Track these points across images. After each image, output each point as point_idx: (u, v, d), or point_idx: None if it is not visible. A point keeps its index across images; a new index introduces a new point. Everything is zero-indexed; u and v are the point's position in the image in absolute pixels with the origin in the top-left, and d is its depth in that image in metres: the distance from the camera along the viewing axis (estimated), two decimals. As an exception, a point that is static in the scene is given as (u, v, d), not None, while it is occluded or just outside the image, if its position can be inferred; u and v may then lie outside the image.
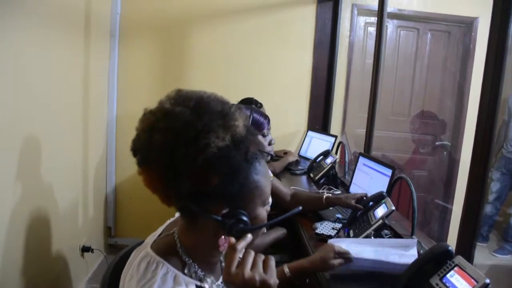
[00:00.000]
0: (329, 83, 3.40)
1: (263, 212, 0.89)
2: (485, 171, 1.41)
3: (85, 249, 2.75)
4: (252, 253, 0.82)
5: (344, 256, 1.32)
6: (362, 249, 1.38)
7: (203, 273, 0.90)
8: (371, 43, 3.19)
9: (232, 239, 0.82)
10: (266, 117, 1.99)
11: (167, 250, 0.88)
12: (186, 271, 0.87)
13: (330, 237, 1.68)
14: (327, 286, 1.35)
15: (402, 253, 1.32)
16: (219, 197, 0.82)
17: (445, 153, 3.83)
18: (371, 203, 1.73)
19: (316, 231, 1.71)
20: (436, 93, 3.81)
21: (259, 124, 1.93)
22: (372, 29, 3.54)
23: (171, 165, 0.79)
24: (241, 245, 0.81)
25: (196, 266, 0.89)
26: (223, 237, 0.85)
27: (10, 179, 1.83)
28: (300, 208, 0.92)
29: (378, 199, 1.70)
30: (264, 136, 1.96)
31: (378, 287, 1.31)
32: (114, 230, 3.40)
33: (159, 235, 0.97)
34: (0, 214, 1.77)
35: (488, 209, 3.75)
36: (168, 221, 1.04)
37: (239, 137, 0.80)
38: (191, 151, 0.77)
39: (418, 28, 3.73)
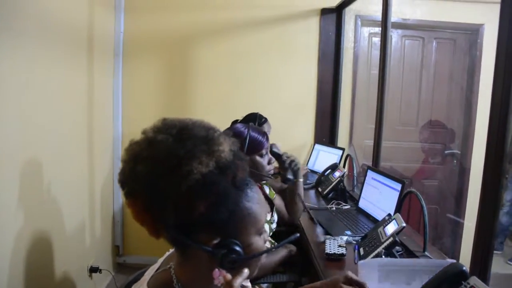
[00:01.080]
0: (334, 95, 3.37)
1: (258, 241, 0.85)
2: (498, 183, 1.36)
3: (93, 270, 2.71)
4: None
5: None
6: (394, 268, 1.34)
7: None
8: (376, 53, 3.15)
9: (228, 276, 0.78)
10: (264, 134, 1.89)
11: (163, 287, 0.85)
12: None
13: (343, 256, 1.63)
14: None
15: None
16: (208, 226, 0.78)
17: (455, 161, 3.76)
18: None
19: (326, 250, 1.65)
20: (443, 102, 3.75)
21: (257, 143, 1.83)
22: (377, 40, 3.51)
23: (156, 195, 0.76)
24: (238, 281, 0.78)
25: None
26: (216, 269, 0.79)
27: (14, 201, 1.80)
28: (298, 234, 0.91)
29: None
30: (261, 156, 1.86)
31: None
32: (122, 248, 3.37)
33: (157, 269, 0.93)
34: (3, 237, 1.74)
35: (503, 218, 3.66)
36: (167, 253, 1.00)
37: (225, 162, 0.77)
38: (174, 179, 0.75)
39: (423, 37, 3.69)
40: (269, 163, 1.89)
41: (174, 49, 3.29)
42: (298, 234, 0.90)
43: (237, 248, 0.79)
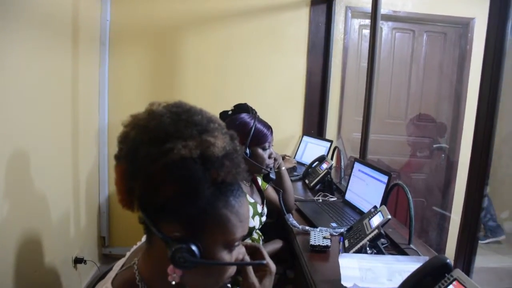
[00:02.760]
0: (323, 87, 3.35)
1: (224, 255, 0.78)
2: (484, 176, 1.35)
3: (78, 261, 2.68)
4: None
5: None
6: (374, 265, 1.35)
7: None
8: (366, 45, 3.14)
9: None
10: (269, 128, 1.88)
11: (126, 286, 0.83)
12: None
13: (327, 248, 1.62)
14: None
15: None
16: (173, 215, 0.75)
17: (443, 155, 3.78)
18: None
19: (311, 242, 1.64)
20: (433, 95, 3.76)
21: (261, 135, 1.83)
22: (367, 32, 3.49)
23: (133, 163, 0.74)
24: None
25: None
26: (171, 265, 0.75)
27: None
28: (264, 262, 0.91)
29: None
30: (264, 149, 1.85)
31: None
32: (108, 239, 3.34)
33: (122, 266, 0.90)
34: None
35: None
36: (135, 246, 0.97)
37: (211, 156, 0.73)
38: (153, 151, 0.72)
39: (413, 29, 3.68)
40: (269, 157, 1.88)
41: (162, 38, 3.24)
42: (264, 261, 0.90)
43: (193, 248, 0.73)
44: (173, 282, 0.76)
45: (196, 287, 0.84)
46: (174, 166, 0.71)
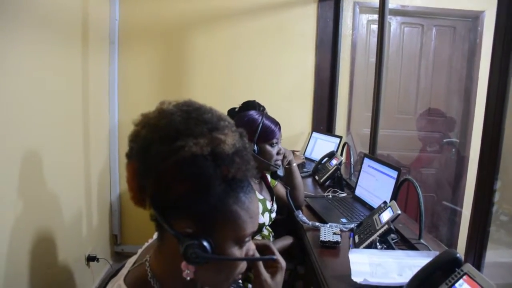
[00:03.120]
0: (332, 83, 3.35)
1: (234, 251, 0.79)
2: (494, 170, 1.35)
3: (91, 259, 2.72)
4: None
5: None
6: (384, 260, 1.36)
7: None
8: (375, 41, 3.11)
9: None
10: (277, 124, 1.89)
11: (138, 283, 0.83)
12: None
13: (337, 243, 1.63)
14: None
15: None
16: (185, 212, 0.75)
17: (453, 150, 3.75)
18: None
19: (321, 238, 1.65)
20: (442, 90, 3.73)
21: (269, 131, 1.83)
22: (375, 27, 3.47)
23: (144, 161, 0.75)
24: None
25: None
26: (184, 262, 0.77)
27: (11, 191, 1.80)
28: (274, 257, 0.91)
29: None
30: (272, 146, 1.86)
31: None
32: (120, 237, 3.38)
33: (134, 263, 0.91)
34: (2, 228, 1.74)
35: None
36: (146, 244, 0.99)
37: (222, 153, 0.74)
38: (165, 150, 0.73)
39: (422, 24, 3.65)
40: (278, 153, 1.89)
41: (170, 37, 3.26)
42: (274, 257, 0.90)
43: (205, 244, 0.74)
44: (188, 278, 0.77)
45: (208, 283, 0.85)
46: (185, 163, 0.72)
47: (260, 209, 1.81)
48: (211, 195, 0.74)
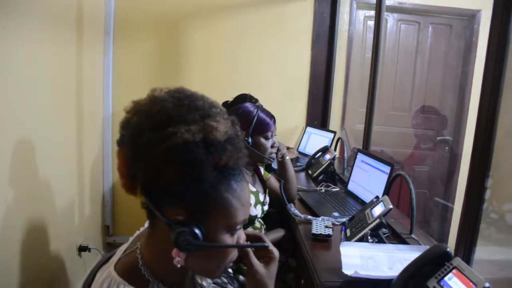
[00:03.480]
0: (328, 78, 3.35)
1: (225, 239, 0.79)
2: (486, 167, 1.36)
3: (82, 249, 2.71)
4: None
5: None
6: (375, 253, 1.37)
7: None
8: (371, 37, 3.13)
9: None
10: (272, 117, 1.90)
11: (128, 270, 0.83)
12: None
13: (329, 236, 1.64)
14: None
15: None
16: (176, 199, 0.76)
17: (446, 148, 3.78)
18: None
19: (313, 231, 1.66)
20: (437, 88, 3.75)
21: (264, 124, 1.85)
22: (372, 23, 3.48)
23: (135, 148, 0.75)
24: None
25: (160, 284, 0.83)
26: (175, 249, 0.77)
27: (2, 181, 1.79)
28: (266, 244, 0.90)
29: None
30: (267, 138, 1.87)
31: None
32: (112, 228, 3.37)
33: (125, 250, 0.91)
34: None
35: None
36: (138, 232, 0.99)
37: (214, 140, 0.74)
38: (156, 136, 0.73)
39: (419, 21, 3.67)
40: (272, 146, 1.90)
41: (167, 28, 3.24)
42: (266, 244, 0.89)
43: (196, 231, 0.75)
44: (179, 266, 0.77)
45: (199, 270, 0.86)
46: (177, 150, 0.72)
47: (252, 201, 1.82)
48: (202, 182, 0.74)
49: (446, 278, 1.09)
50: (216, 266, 0.82)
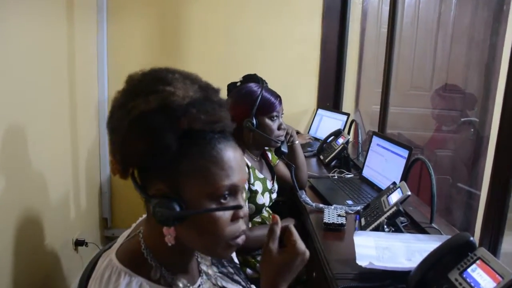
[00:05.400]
0: (340, 56, 3.32)
1: (210, 206, 0.80)
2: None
3: (79, 243, 2.74)
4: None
5: None
6: (392, 244, 1.37)
7: (172, 277, 0.86)
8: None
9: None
10: (277, 97, 1.89)
11: (131, 255, 0.85)
12: (153, 276, 0.83)
13: (342, 226, 1.63)
14: (335, 282, 1.30)
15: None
16: (152, 173, 0.81)
17: (472, 130, 3.72)
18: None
19: (325, 220, 1.65)
20: (462, 64, 3.68)
21: (268, 104, 1.84)
22: (388, -6, 3.42)
23: (111, 128, 0.82)
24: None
25: (163, 269, 0.85)
26: (165, 227, 0.81)
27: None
28: (240, 204, 0.88)
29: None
30: (272, 119, 1.86)
31: (390, 282, 1.25)
32: (110, 221, 3.40)
33: (128, 236, 0.93)
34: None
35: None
36: (140, 218, 1.00)
37: (172, 105, 0.76)
38: (121, 112, 0.79)
39: (441, -10, 3.60)
40: (279, 128, 1.89)
41: (165, 3, 3.22)
42: (240, 204, 0.86)
43: (173, 203, 0.77)
44: (169, 244, 0.81)
45: (198, 248, 0.88)
46: (136, 122, 0.77)
47: (260, 189, 1.82)
48: (168, 148, 0.76)
49: (469, 270, 1.08)
50: (214, 241, 0.82)
